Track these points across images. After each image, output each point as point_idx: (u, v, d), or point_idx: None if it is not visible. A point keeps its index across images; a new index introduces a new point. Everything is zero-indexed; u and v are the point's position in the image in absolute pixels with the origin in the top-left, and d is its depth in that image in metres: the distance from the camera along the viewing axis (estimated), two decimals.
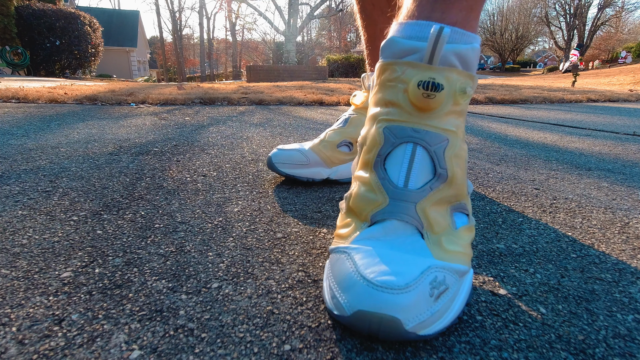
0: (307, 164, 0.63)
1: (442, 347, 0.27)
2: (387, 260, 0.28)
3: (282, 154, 0.64)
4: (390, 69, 0.33)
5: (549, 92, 3.58)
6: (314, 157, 0.64)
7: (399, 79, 0.32)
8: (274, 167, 0.63)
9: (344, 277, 0.28)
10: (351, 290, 0.27)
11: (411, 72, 0.31)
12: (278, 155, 0.64)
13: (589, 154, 0.99)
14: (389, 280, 0.26)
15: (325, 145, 0.65)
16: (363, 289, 0.26)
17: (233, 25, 26.56)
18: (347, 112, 0.68)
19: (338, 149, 0.65)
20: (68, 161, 0.74)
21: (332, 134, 0.65)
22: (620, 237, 0.47)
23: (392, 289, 0.25)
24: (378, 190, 0.32)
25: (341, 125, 0.66)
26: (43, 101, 1.83)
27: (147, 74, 23.41)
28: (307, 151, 0.64)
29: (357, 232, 0.32)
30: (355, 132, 0.65)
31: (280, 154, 0.64)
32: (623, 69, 12.22)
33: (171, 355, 0.26)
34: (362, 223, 0.32)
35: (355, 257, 0.29)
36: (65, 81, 4.49)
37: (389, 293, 0.25)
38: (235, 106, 2.01)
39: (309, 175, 0.64)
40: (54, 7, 7.72)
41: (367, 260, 0.28)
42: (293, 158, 0.63)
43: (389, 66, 0.33)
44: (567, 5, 25.34)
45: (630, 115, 2.07)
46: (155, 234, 0.44)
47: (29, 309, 0.30)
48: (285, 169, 0.63)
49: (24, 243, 0.41)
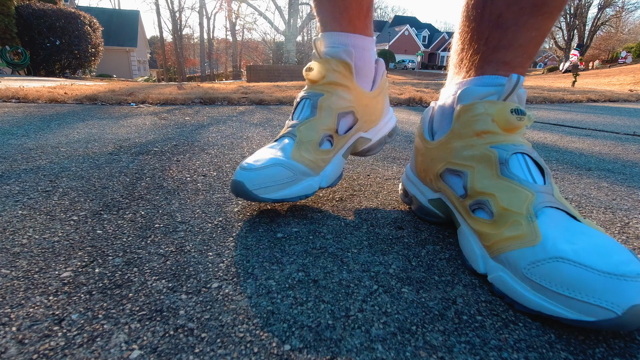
0: (294, 179, 0.48)
1: (442, 347, 0.27)
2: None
3: (259, 175, 0.46)
4: (472, 108, 0.41)
5: (549, 92, 3.58)
6: (299, 168, 0.48)
7: (485, 114, 0.40)
8: (250, 194, 0.45)
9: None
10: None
11: (493, 106, 0.40)
12: (252, 178, 0.45)
13: (589, 154, 0.99)
14: None
15: (306, 149, 0.50)
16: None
17: (233, 25, 26.55)
18: (303, 94, 0.54)
19: (320, 148, 0.51)
20: (68, 161, 0.75)
21: (305, 130, 0.51)
22: (620, 237, 0.47)
23: None
24: (523, 189, 0.37)
25: (309, 115, 0.52)
26: (43, 101, 1.83)
27: (147, 73, 23.42)
28: (290, 163, 0.48)
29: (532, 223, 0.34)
30: (332, 120, 0.52)
31: (255, 176, 0.46)
32: (623, 69, 12.22)
33: (171, 355, 0.26)
34: (526, 215, 0.35)
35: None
36: (65, 81, 4.49)
37: None
38: (235, 106, 2.01)
39: (300, 192, 0.49)
40: (54, 7, 7.72)
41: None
42: (276, 177, 0.46)
43: (471, 106, 0.41)
44: (567, 5, 25.31)
45: (630, 115, 2.07)
46: (155, 233, 0.44)
47: (29, 308, 0.30)
48: (269, 194, 0.46)
49: (24, 243, 0.41)
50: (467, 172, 0.41)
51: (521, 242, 0.33)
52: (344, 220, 0.50)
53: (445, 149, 0.44)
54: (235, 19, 26.00)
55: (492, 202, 0.37)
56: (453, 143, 0.43)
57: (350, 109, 0.54)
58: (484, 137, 0.41)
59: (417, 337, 0.28)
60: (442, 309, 0.32)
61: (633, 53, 15.91)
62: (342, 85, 0.53)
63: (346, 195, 0.60)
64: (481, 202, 0.38)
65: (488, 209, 0.37)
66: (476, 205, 0.39)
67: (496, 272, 0.34)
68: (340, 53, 0.52)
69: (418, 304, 0.32)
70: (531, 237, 0.32)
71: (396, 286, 0.35)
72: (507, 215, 0.35)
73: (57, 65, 7.90)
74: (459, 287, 0.35)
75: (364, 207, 0.55)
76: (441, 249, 0.43)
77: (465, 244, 0.40)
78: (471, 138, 0.41)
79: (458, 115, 0.43)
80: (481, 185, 0.39)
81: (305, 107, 0.53)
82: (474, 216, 0.39)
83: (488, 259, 0.36)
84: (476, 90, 0.42)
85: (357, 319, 0.30)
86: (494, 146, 0.40)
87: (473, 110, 0.41)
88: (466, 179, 0.41)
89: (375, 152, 0.62)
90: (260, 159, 0.48)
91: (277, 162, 0.47)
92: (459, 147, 0.42)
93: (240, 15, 26.25)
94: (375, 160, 0.85)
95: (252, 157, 0.50)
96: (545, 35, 0.43)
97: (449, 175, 0.44)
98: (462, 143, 0.42)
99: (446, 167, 0.44)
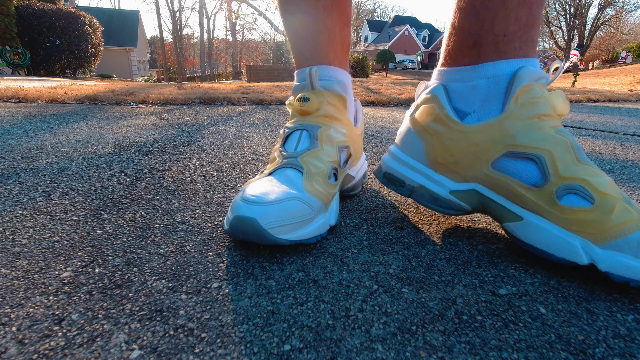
0: (312, 215, 0.41)
1: (442, 347, 0.27)
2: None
3: (275, 211, 0.37)
4: (532, 89, 0.40)
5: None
6: (315, 202, 0.42)
7: (542, 97, 0.40)
8: (265, 235, 0.36)
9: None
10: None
11: (546, 90, 0.40)
12: (267, 214, 0.37)
13: (589, 154, 0.99)
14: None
15: (317, 181, 0.43)
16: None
17: (233, 25, 26.55)
18: (295, 125, 0.50)
19: (329, 181, 0.46)
20: (68, 161, 0.74)
21: (312, 161, 0.45)
22: None
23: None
24: (603, 174, 0.38)
25: (309, 147, 0.47)
26: (43, 101, 1.83)
27: (147, 73, 23.41)
28: (306, 196, 0.41)
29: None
30: (334, 152, 0.48)
31: (270, 212, 0.37)
32: (623, 69, 12.22)
33: (171, 355, 0.26)
34: (623, 198, 0.36)
35: None
36: (65, 81, 4.49)
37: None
38: (235, 106, 2.00)
39: (316, 232, 0.41)
40: (54, 6, 7.72)
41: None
42: (295, 213, 0.39)
43: (530, 87, 0.40)
44: (567, 5, 25.32)
45: (630, 115, 2.07)
46: (155, 233, 0.44)
47: (29, 308, 0.30)
48: (286, 235, 0.38)
49: (24, 243, 0.41)
50: (543, 157, 0.38)
51: (637, 224, 0.33)
52: (344, 220, 0.50)
53: (501, 131, 0.40)
54: (235, 19, 26.00)
55: (588, 187, 0.35)
56: (511, 125, 0.40)
57: (347, 143, 0.51)
58: (546, 120, 0.39)
59: (417, 337, 0.28)
60: (442, 309, 0.32)
61: (633, 53, 15.91)
62: (337, 118, 0.51)
63: (346, 195, 0.60)
64: (572, 188, 0.36)
65: (585, 194, 0.35)
66: (565, 191, 0.36)
67: (614, 259, 0.33)
68: (334, 86, 0.50)
69: (418, 304, 0.32)
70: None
71: (396, 286, 0.35)
72: (609, 200, 0.35)
73: (57, 65, 7.89)
74: (459, 287, 0.35)
75: (364, 207, 0.55)
76: (441, 249, 0.43)
77: (545, 237, 0.37)
78: (533, 120, 0.39)
79: (517, 96, 0.40)
80: (568, 171, 0.37)
81: (302, 138, 0.48)
82: (562, 205, 0.36)
83: (593, 248, 0.34)
84: (535, 71, 0.40)
85: (357, 319, 0.30)
86: (560, 130, 0.39)
87: (532, 91, 0.39)
88: (544, 164, 0.38)
89: (357, 191, 0.60)
90: (269, 192, 0.39)
91: (293, 195, 0.40)
92: (520, 129, 0.39)
93: (240, 15, 26.26)
94: (376, 160, 0.85)
95: (252, 189, 0.40)
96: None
97: (508, 160, 0.40)
98: (523, 125, 0.39)
99: (506, 151, 0.40)
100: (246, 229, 0.37)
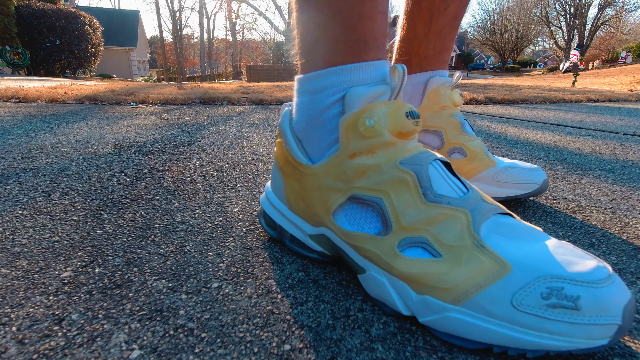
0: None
1: (442, 347, 0.27)
2: None
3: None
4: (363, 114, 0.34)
5: (549, 92, 3.58)
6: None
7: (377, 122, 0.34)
8: None
9: None
10: None
11: (384, 110, 0.34)
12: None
13: (589, 154, 0.99)
14: None
15: None
16: None
17: (233, 25, 26.55)
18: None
19: None
20: (68, 161, 0.74)
21: None
22: (620, 237, 0.47)
23: None
24: (456, 211, 0.30)
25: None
26: (43, 101, 1.83)
27: (147, 73, 23.41)
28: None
29: None
30: None
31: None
32: (623, 69, 12.22)
33: (171, 355, 0.26)
34: (473, 244, 0.29)
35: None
36: (65, 81, 4.49)
37: None
38: (235, 106, 2.00)
39: None
40: (54, 6, 7.72)
41: None
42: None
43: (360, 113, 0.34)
44: (567, 5, 25.33)
45: (630, 115, 2.07)
46: (155, 233, 0.44)
47: (29, 308, 0.30)
48: None
49: (24, 243, 0.41)
50: (381, 201, 0.31)
51: (489, 276, 0.26)
52: None
53: (337, 172, 0.33)
54: (235, 19, 26.01)
55: (431, 239, 0.29)
56: (345, 164, 0.33)
57: None
58: (380, 151, 0.32)
59: (417, 337, 0.28)
60: None
61: (633, 53, 15.91)
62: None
63: None
64: (415, 241, 0.30)
65: (431, 248, 0.29)
66: (408, 245, 0.30)
67: (459, 316, 0.26)
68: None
69: None
70: (498, 267, 0.26)
71: None
72: (455, 251, 0.28)
73: (57, 65, 7.89)
74: None
75: None
76: None
77: (383, 292, 0.30)
78: (366, 156, 0.32)
79: (348, 127, 0.32)
80: (407, 219, 0.30)
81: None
82: (406, 257, 0.29)
83: (437, 304, 0.27)
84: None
85: (357, 319, 0.30)
86: (403, 162, 0.31)
87: (363, 116, 0.32)
88: (384, 209, 0.31)
89: None
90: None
91: None
92: (356, 168, 0.32)
93: (240, 15, 26.27)
94: None
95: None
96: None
97: (350, 207, 0.34)
98: (359, 163, 0.32)
99: (350, 195, 0.33)
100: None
